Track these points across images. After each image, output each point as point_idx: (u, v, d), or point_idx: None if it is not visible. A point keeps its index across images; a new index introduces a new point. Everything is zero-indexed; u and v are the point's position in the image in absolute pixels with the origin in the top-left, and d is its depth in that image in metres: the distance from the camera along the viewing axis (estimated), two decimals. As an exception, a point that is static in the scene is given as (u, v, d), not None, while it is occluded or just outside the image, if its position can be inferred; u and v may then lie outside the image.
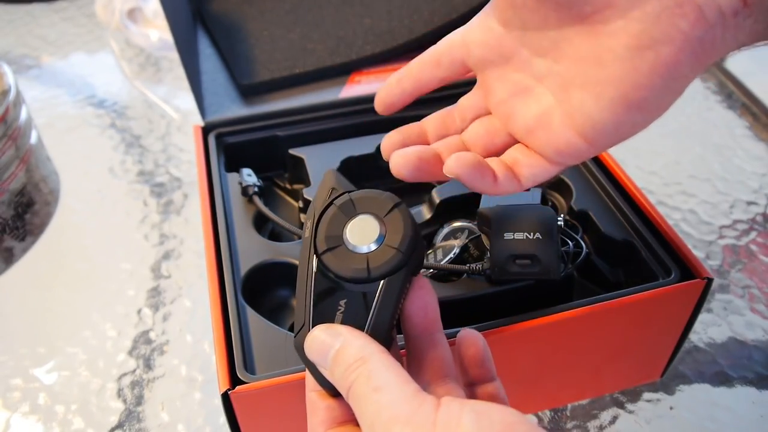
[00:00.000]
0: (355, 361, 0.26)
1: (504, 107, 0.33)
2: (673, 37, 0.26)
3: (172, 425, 0.46)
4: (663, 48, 0.26)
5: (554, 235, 0.39)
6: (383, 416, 0.24)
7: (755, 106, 0.74)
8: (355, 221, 0.29)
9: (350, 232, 0.29)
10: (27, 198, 0.59)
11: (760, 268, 0.56)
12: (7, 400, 0.48)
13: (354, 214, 0.29)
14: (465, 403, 0.24)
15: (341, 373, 0.26)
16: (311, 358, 0.27)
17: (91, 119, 0.75)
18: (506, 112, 0.33)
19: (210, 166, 0.51)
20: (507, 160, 0.33)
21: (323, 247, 0.29)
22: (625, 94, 0.28)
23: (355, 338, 0.27)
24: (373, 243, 0.28)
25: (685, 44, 0.26)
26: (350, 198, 0.30)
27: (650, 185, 0.64)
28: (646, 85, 0.27)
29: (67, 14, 0.95)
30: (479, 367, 0.30)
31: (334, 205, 0.30)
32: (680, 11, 0.25)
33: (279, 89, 0.60)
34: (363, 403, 0.25)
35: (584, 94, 0.29)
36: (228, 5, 0.70)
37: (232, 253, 0.44)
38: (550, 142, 0.31)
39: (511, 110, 0.33)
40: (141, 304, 0.54)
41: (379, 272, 0.28)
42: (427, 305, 0.30)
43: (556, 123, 0.31)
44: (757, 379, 0.48)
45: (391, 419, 0.23)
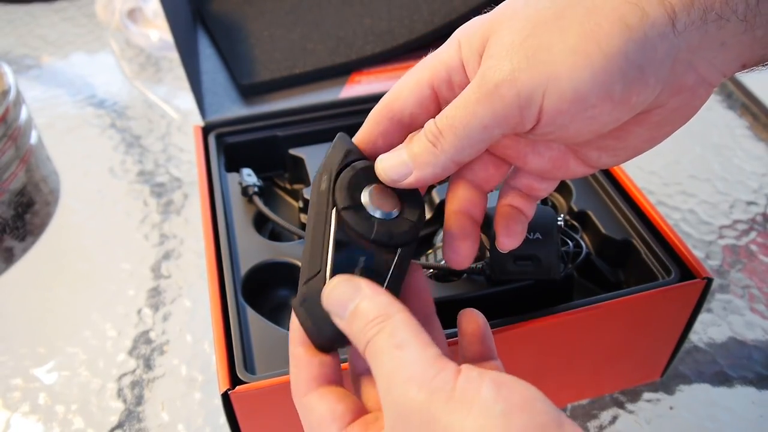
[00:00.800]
0: (378, 316, 0.25)
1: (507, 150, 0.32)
2: (687, 114, 0.28)
3: (172, 425, 0.46)
4: (679, 121, 0.28)
5: (554, 235, 0.39)
6: (402, 374, 0.23)
7: (755, 106, 0.74)
8: (374, 188, 0.30)
9: (370, 197, 0.29)
10: (27, 198, 0.59)
11: (759, 268, 0.56)
12: (7, 400, 0.48)
13: (373, 180, 0.30)
14: (485, 373, 0.23)
15: (361, 326, 0.25)
16: (328, 307, 0.27)
17: (91, 119, 0.75)
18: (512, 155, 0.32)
19: (210, 166, 0.51)
20: (522, 188, 0.33)
21: (344, 203, 0.29)
22: (638, 150, 0.29)
23: (379, 294, 0.26)
24: (393, 212, 0.29)
25: (695, 111, 0.28)
26: (370, 164, 0.30)
27: (650, 185, 0.64)
28: (658, 139, 0.29)
29: (67, 14, 0.95)
30: (480, 344, 0.30)
31: (353, 167, 0.30)
32: (696, 95, 0.27)
33: (279, 89, 0.60)
34: (382, 359, 0.24)
35: (600, 153, 0.30)
36: (228, 5, 0.70)
37: (232, 253, 0.44)
38: (564, 174, 0.32)
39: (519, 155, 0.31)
40: (141, 304, 0.55)
41: (399, 240, 0.29)
42: (423, 286, 0.31)
43: (571, 165, 0.31)
44: (757, 379, 0.48)
45: (410, 379, 0.23)
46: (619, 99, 0.25)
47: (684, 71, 0.26)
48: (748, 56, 0.26)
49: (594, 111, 0.25)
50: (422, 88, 0.29)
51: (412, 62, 0.63)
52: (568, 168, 0.31)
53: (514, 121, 0.26)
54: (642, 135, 0.29)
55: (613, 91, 0.25)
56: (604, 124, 0.26)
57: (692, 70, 0.26)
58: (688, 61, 0.26)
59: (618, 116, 0.26)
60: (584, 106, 0.25)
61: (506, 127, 0.26)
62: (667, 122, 0.28)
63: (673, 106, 0.27)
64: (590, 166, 0.31)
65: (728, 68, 0.27)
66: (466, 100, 0.26)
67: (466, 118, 0.26)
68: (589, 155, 0.30)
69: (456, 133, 0.27)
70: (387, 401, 0.24)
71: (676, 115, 0.28)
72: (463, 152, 0.27)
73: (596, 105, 0.25)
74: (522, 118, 0.26)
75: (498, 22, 0.27)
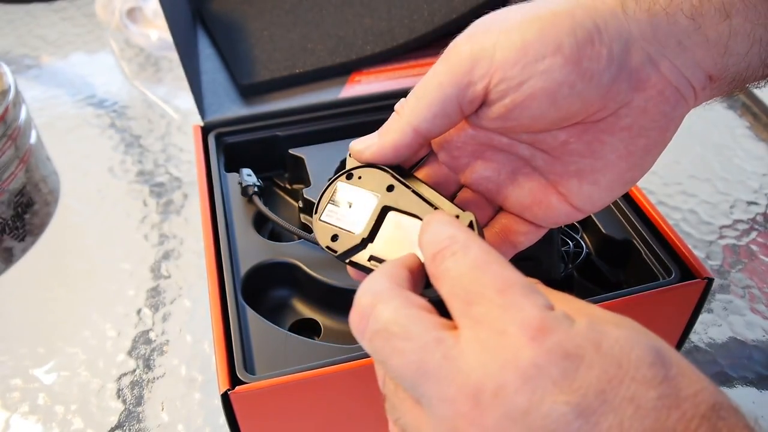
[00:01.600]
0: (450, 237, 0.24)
1: (488, 184, 0.32)
2: (660, 122, 0.28)
3: (172, 425, 0.46)
4: (652, 132, 0.28)
5: (554, 235, 0.39)
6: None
7: (755, 106, 0.74)
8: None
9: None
10: (27, 198, 0.59)
11: (760, 268, 0.56)
12: (6, 400, 0.48)
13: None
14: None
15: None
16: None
17: (91, 119, 0.75)
18: (492, 189, 0.32)
19: (210, 166, 0.51)
20: (498, 229, 0.32)
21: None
22: (620, 176, 0.29)
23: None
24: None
25: (670, 123, 0.28)
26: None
27: (650, 185, 0.64)
28: (639, 165, 0.29)
29: (67, 14, 0.95)
30: None
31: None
32: (663, 98, 0.27)
33: (279, 89, 0.60)
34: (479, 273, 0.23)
35: (580, 181, 0.30)
36: (228, 5, 0.69)
37: (232, 253, 0.44)
38: (547, 216, 0.31)
39: (499, 188, 0.32)
40: (141, 304, 0.54)
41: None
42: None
43: (553, 202, 0.31)
44: (757, 379, 0.48)
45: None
46: (569, 54, 0.26)
47: (642, 62, 0.27)
48: (710, 64, 0.27)
49: (545, 63, 0.26)
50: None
51: (412, 62, 0.63)
52: (551, 205, 0.31)
53: (466, 79, 0.27)
54: (617, 147, 0.28)
55: (562, 44, 0.26)
56: (559, 84, 0.26)
57: (651, 65, 0.27)
58: (646, 53, 0.27)
59: (572, 79, 0.26)
60: (534, 57, 0.26)
61: (460, 86, 0.27)
62: (639, 130, 0.28)
63: (641, 106, 0.27)
64: (573, 206, 0.30)
65: (692, 75, 0.27)
66: (431, 68, 0.28)
67: (425, 80, 0.28)
68: (569, 186, 0.30)
69: (416, 96, 0.28)
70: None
71: (646, 120, 0.28)
72: (419, 116, 0.28)
73: (546, 56, 0.26)
74: (472, 74, 0.27)
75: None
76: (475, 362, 0.20)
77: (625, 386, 0.20)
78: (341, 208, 0.31)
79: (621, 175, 0.29)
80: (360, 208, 0.31)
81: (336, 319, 0.44)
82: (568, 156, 0.29)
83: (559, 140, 0.29)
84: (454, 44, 0.27)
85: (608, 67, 0.26)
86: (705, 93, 0.28)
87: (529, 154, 0.30)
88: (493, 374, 0.20)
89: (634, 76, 0.27)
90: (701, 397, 0.20)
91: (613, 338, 0.20)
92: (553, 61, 0.26)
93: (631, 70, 0.27)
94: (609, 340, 0.20)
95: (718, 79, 0.28)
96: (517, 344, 0.20)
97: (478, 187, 0.32)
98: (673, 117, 0.28)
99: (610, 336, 0.20)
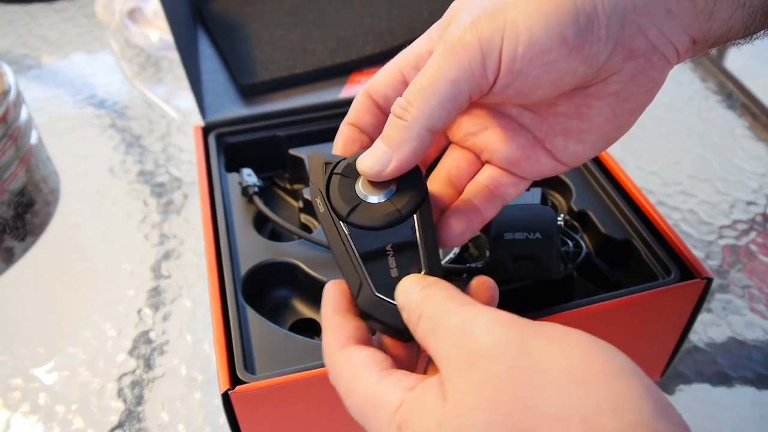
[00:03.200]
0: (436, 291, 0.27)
1: (476, 139, 0.33)
2: (646, 86, 0.29)
3: (172, 425, 0.46)
4: (639, 96, 0.29)
5: (554, 235, 0.39)
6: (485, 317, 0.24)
7: (755, 106, 0.74)
8: (361, 179, 0.30)
9: (363, 189, 0.30)
10: (27, 198, 0.59)
11: (759, 268, 0.56)
12: (7, 400, 0.48)
13: (357, 174, 0.30)
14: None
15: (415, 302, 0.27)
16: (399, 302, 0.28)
17: (91, 119, 0.75)
18: (480, 144, 0.32)
19: (210, 166, 0.51)
20: (487, 183, 0.33)
21: (346, 210, 0.30)
22: (606, 135, 0.30)
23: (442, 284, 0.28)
24: (391, 188, 0.30)
25: (655, 86, 0.29)
26: (348, 162, 0.31)
27: (650, 185, 0.64)
28: (624, 125, 0.30)
29: (67, 14, 0.95)
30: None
31: (336, 174, 0.31)
32: (650, 65, 0.28)
33: (279, 89, 0.60)
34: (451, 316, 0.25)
35: (566, 140, 0.31)
36: (228, 5, 0.70)
37: (232, 253, 0.44)
38: (534, 170, 0.32)
39: (486, 143, 0.32)
40: (141, 304, 0.55)
41: (408, 209, 0.30)
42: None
43: (540, 157, 0.31)
44: (757, 379, 0.48)
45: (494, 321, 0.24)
46: (573, 44, 0.26)
47: (633, 34, 0.27)
48: (695, 29, 0.28)
49: (551, 56, 0.26)
50: (393, 73, 0.31)
51: (412, 62, 0.63)
52: (538, 160, 0.31)
53: (479, 72, 0.27)
54: (604, 111, 0.29)
55: (567, 36, 0.26)
56: (562, 73, 0.27)
57: (642, 35, 0.28)
58: (637, 25, 0.27)
59: (575, 66, 0.27)
60: (541, 50, 0.26)
61: (472, 81, 0.27)
62: (627, 95, 0.29)
63: (629, 73, 0.28)
64: (559, 161, 0.31)
65: (678, 40, 0.28)
66: (432, 61, 0.27)
67: (434, 77, 0.27)
68: (555, 142, 0.31)
69: (425, 95, 0.27)
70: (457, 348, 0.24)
71: (634, 85, 0.29)
72: (433, 116, 0.27)
73: (552, 49, 0.26)
74: (485, 68, 0.27)
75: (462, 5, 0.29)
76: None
77: None
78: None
79: (606, 134, 0.30)
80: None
81: (336, 319, 0.44)
82: (556, 117, 0.30)
83: (548, 101, 0.30)
84: (460, 35, 0.27)
85: (606, 47, 0.27)
86: (687, 54, 0.29)
87: (516, 112, 0.31)
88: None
89: (626, 48, 0.28)
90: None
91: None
92: (558, 53, 0.26)
93: (623, 43, 0.27)
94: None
95: (701, 42, 0.29)
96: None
97: (466, 143, 0.33)
98: (658, 80, 0.29)
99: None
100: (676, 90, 0.77)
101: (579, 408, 0.20)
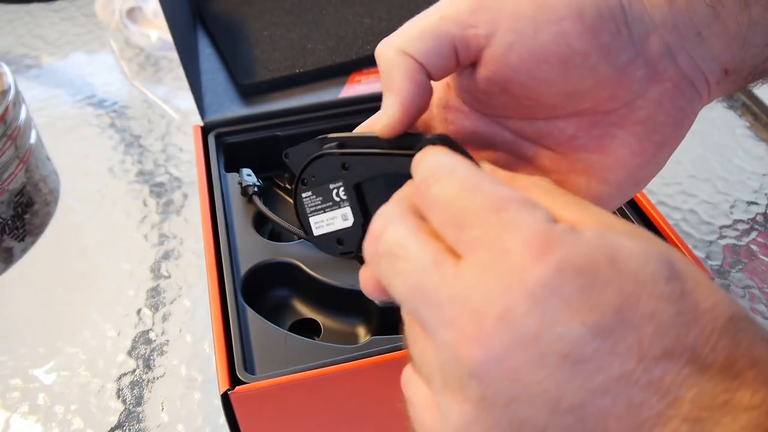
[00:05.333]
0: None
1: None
2: (675, 117, 0.27)
3: (172, 425, 0.46)
4: (667, 128, 0.27)
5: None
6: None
7: (755, 106, 0.74)
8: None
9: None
10: (27, 198, 0.59)
11: (760, 268, 0.56)
12: (6, 400, 0.48)
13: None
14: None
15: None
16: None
17: (91, 119, 0.75)
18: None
19: (210, 166, 0.51)
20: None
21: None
22: (631, 174, 0.28)
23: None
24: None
25: (685, 119, 0.27)
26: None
27: (650, 185, 0.64)
28: (651, 162, 0.28)
29: (67, 14, 0.95)
30: None
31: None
32: (679, 92, 0.26)
33: (279, 89, 0.60)
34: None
35: (589, 179, 0.28)
36: (228, 5, 0.69)
37: (232, 253, 0.44)
38: None
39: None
40: (141, 304, 0.54)
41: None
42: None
43: None
44: (758, 379, 0.48)
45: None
46: (590, 24, 0.24)
47: (660, 53, 0.26)
48: (728, 57, 0.26)
49: (563, 25, 0.24)
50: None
51: (412, 62, 0.63)
52: None
53: (472, 18, 0.25)
54: (629, 142, 0.27)
55: (584, 11, 0.24)
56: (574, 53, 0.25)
57: (669, 57, 0.26)
58: (665, 43, 0.26)
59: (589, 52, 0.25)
60: (552, 16, 0.24)
61: (462, 23, 0.25)
62: (654, 125, 0.27)
63: (656, 98, 0.26)
64: None
65: (708, 68, 0.26)
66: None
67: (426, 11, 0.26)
68: (577, 184, 0.28)
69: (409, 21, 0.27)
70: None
71: (661, 113, 0.27)
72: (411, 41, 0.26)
73: (564, 18, 0.24)
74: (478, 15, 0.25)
75: None
76: (476, 286, 0.19)
77: (644, 303, 0.18)
78: (323, 215, 0.30)
79: (632, 173, 0.28)
80: (337, 203, 0.30)
81: (336, 319, 0.44)
82: (576, 152, 0.28)
83: (566, 134, 0.28)
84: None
85: (627, 48, 0.25)
86: (719, 87, 0.27)
87: (532, 153, 0.29)
88: (497, 297, 0.18)
89: (651, 66, 0.26)
90: (719, 310, 0.19)
91: (627, 251, 0.19)
92: (571, 26, 0.24)
93: (648, 59, 0.26)
94: (623, 254, 0.19)
95: (733, 73, 0.27)
96: (522, 264, 0.18)
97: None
98: (688, 112, 0.27)
99: (624, 249, 0.19)
100: (677, 90, 0.77)
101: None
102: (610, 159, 0.28)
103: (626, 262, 0.19)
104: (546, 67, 0.25)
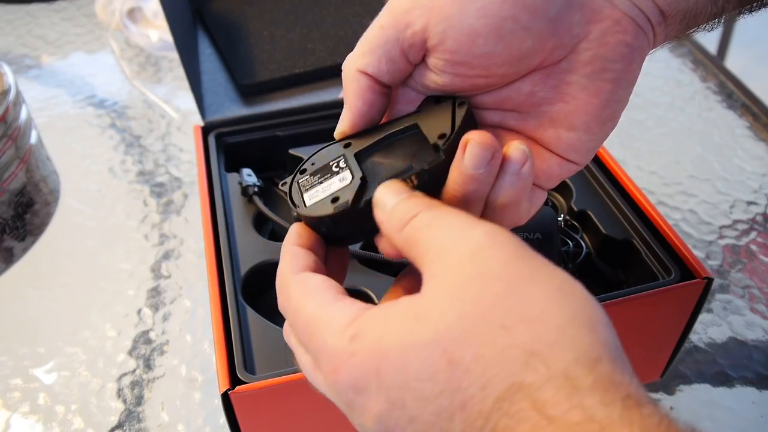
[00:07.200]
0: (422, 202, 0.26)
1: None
2: (622, 53, 0.28)
3: (172, 425, 0.46)
4: (617, 65, 0.28)
5: (554, 235, 0.39)
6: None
7: (755, 106, 0.74)
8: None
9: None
10: (27, 198, 0.59)
11: (760, 268, 0.56)
12: (7, 400, 0.48)
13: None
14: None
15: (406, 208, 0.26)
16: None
17: (91, 119, 0.75)
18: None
19: (210, 166, 0.51)
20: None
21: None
22: (596, 115, 0.29)
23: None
24: None
25: (633, 54, 0.28)
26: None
27: (650, 185, 0.64)
28: (611, 100, 0.29)
29: (67, 14, 0.95)
30: None
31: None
32: (620, 28, 0.27)
33: (279, 89, 0.60)
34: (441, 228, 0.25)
35: (557, 129, 0.29)
36: (228, 5, 0.70)
37: (232, 253, 0.44)
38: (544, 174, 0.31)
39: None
40: (141, 304, 0.54)
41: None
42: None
43: (544, 155, 0.30)
44: (757, 379, 0.48)
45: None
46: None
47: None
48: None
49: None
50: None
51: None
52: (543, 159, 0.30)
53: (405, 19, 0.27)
54: (584, 85, 0.28)
55: None
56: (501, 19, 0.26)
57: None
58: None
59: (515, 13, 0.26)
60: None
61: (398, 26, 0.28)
62: (602, 63, 0.28)
63: (597, 37, 0.27)
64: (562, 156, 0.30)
65: (647, 8, 0.28)
66: None
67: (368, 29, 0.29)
68: (547, 135, 0.30)
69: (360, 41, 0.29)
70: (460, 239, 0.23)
71: (606, 50, 0.28)
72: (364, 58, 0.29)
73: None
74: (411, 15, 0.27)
75: None
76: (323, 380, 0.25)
77: (409, 408, 0.21)
78: (319, 186, 0.30)
79: (596, 114, 0.29)
80: (336, 172, 0.30)
81: (336, 319, 0.44)
82: (538, 107, 0.29)
83: (524, 93, 0.29)
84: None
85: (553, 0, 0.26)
86: (661, 29, 0.28)
87: (498, 119, 0.30)
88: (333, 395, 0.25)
89: (586, 8, 0.27)
90: (489, 389, 0.20)
91: (393, 358, 0.22)
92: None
93: (581, 2, 0.27)
94: (387, 366, 0.22)
95: (669, 15, 0.28)
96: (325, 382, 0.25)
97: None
98: (635, 47, 0.28)
99: (389, 357, 0.22)
100: (677, 90, 0.77)
101: (557, 317, 0.21)
102: (571, 105, 0.29)
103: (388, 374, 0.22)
104: (482, 41, 0.27)
